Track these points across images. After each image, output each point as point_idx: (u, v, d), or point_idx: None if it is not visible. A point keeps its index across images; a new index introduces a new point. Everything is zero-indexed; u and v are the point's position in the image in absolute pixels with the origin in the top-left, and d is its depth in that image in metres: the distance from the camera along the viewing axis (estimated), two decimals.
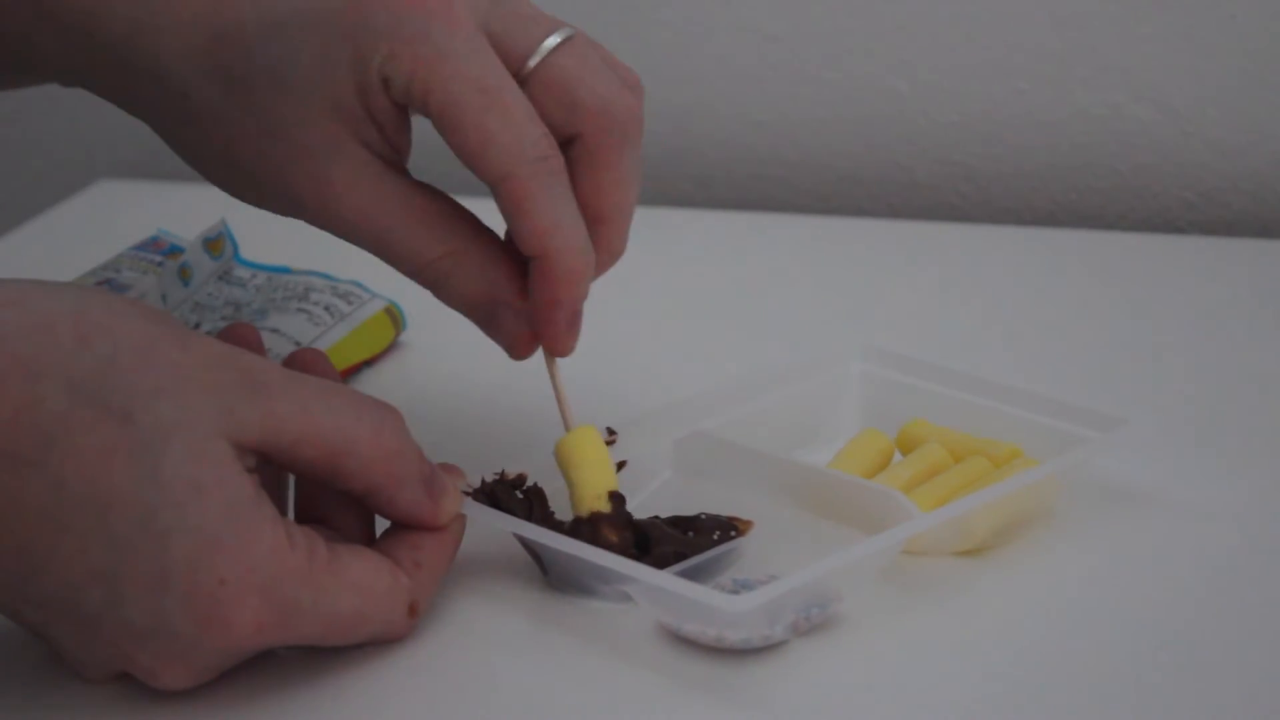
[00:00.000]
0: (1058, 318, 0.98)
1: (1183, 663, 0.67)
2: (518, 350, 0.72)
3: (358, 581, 0.65)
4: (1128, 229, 1.15)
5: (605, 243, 0.71)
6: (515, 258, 0.70)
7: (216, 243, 0.95)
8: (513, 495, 0.72)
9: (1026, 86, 1.15)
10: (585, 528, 0.70)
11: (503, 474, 0.72)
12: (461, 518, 0.69)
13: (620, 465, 0.75)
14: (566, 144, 0.70)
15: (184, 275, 0.93)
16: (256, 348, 0.69)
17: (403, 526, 0.68)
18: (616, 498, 0.71)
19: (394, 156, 0.70)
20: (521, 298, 0.70)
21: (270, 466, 0.65)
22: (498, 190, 0.68)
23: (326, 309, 0.92)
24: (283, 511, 0.67)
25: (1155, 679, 0.66)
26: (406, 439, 0.67)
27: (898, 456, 0.79)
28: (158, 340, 0.64)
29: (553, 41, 0.69)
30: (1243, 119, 1.13)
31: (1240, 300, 1.00)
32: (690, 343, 0.96)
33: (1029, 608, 0.71)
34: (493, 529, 0.71)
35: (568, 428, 0.72)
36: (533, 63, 0.69)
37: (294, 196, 0.69)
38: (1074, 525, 0.75)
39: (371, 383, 0.91)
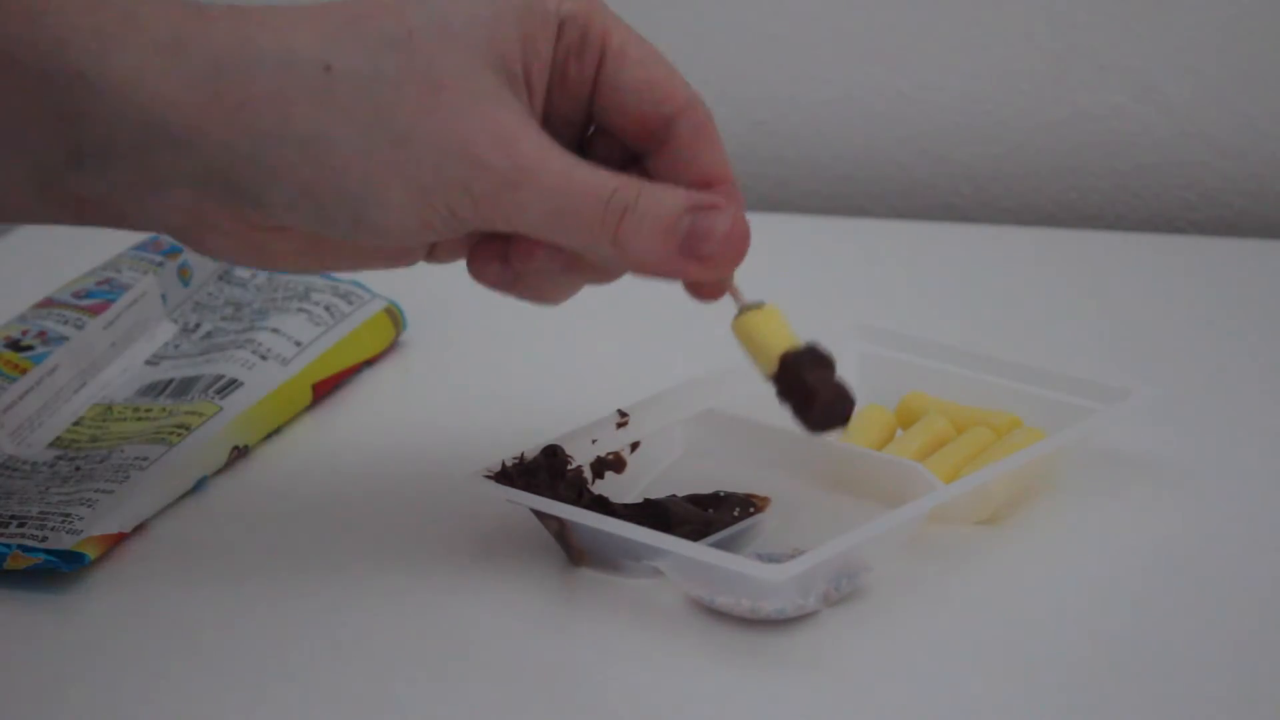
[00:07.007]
0: (1058, 318, 0.98)
1: (1196, 617, 0.69)
2: (729, 260, 0.71)
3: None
4: (1128, 229, 1.15)
5: None
6: None
7: None
8: (536, 476, 0.73)
9: (1026, 86, 1.15)
10: (784, 375, 0.69)
11: (521, 456, 0.73)
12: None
13: (634, 446, 0.77)
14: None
15: (183, 275, 0.93)
16: None
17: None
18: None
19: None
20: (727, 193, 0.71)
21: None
22: (679, 120, 0.70)
23: (327, 309, 0.92)
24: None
25: (1174, 636, 0.68)
26: None
27: (899, 433, 0.80)
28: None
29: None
30: (1243, 119, 1.13)
31: (1240, 300, 1.00)
32: (690, 340, 0.96)
33: (1047, 572, 0.72)
34: (518, 510, 0.72)
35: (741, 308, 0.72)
36: None
37: (464, 145, 0.67)
38: (1079, 493, 0.76)
39: (371, 383, 0.91)
